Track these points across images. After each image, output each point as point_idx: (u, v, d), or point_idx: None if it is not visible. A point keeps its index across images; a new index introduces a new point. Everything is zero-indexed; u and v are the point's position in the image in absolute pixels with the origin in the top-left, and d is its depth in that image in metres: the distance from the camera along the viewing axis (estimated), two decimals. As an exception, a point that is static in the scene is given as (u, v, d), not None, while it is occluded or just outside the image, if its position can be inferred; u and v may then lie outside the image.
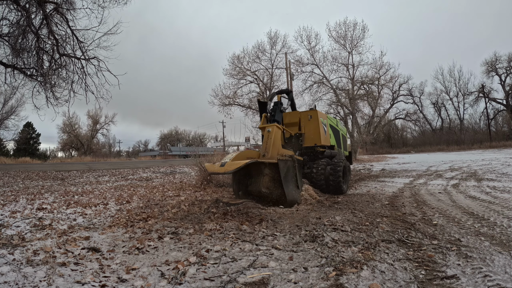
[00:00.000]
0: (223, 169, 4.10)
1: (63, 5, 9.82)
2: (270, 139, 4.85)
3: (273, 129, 4.91)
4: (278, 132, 5.01)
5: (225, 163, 4.22)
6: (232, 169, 4.04)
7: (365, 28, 23.63)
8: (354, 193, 6.18)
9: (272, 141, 4.80)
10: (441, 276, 1.97)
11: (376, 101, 26.42)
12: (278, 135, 4.97)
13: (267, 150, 4.77)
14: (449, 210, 4.00)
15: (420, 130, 44.79)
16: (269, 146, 4.78)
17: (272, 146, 4.75)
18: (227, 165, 4.13)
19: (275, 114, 5.36)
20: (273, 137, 4.84)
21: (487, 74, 38.41)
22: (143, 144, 71.10)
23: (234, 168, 4.04)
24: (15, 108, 33.92)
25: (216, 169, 4.19)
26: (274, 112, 5.43)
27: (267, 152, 4.75)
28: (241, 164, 4.06)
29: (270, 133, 4.90)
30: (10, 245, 2.78)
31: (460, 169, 10.58)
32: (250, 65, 24.47)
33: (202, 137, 69.08)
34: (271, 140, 4.82)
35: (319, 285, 1.92)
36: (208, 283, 2.01)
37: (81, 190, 7.73)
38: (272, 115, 5.40)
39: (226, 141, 46.91)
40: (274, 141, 4.82)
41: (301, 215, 3.94)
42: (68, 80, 10.48)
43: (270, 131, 4.94)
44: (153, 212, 4.35)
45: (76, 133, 47.45)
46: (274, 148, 4.76)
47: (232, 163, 4.18)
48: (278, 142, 4.95)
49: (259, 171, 4.74)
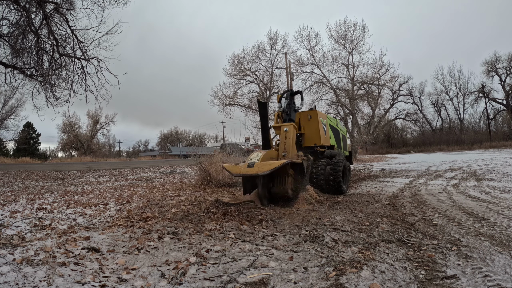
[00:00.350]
0: (255, 170, 3.86)
1: (63, 5, 9.83)
2: (289, 139, 4.81)
3: (291, 129, 4.87)
4: (295, 131, 5.00)
5: (254, 163, 4.02)
6: (268, 169, 3.80)
7: (365, 28, 23.65)
8: (354, 193, 6.18)
9: (291, 141, 4.77)
10: (441, 276, 1.97)
11: (376, 101, 26.42)
12: (294, 134, 4.96)
13: (287, 150, 4.71)
14: (449, 210, 4.00)
15: (420, 130, 44.80)
16: (289, 145, 4.73)
17: (291, 145, 4.71)
18: (258, 166, 3.90)
19: (290, 113, 5.32)
20: (292, 136, 4.81)
21: (487, 74, 38.45)
22: (143, 144, 71.14)
23: (271, 168, 3.81)
24: (15, 108, 33.96)
25: (244, 170, 3.97)
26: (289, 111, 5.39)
27: (287, 152, 4.68)
28: (278, 164, 3.86)
29: (288, 133, 4.86)
30: (10, 245, 2.78)
31: (460, 169, 10.58)
32: (250, 65, 24.49)
33: (202, 137, 69.12)
34: (290, 140, 4.78)
35: (319, 285, 1.92)
36: (208, 283, 2.01)
37: (81, 190, 7.73)
38: (288, 114, 5.36)
39: (226, 141, 46.92)
40: (292, 140, 4.80)
41: (301, 215, 3.94)
42: (68, 80, 10.50)
43: (287, 130, 4.88)
44: (153, 212, 4.35)
45: (76, 133, 47.47)
46: (293, 148, 4.73)
47: (264, 164, 3.96)
48: (294, 142, 4.94)
49: (285, 172, 4.51)
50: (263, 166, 3.92)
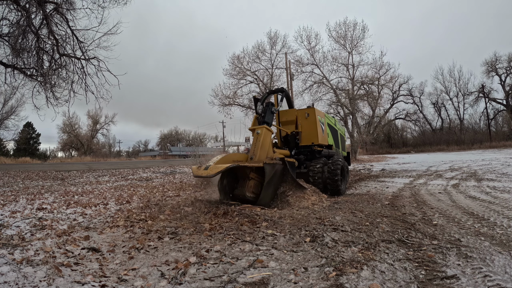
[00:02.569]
0: (206, 173, 3.99)
1: (63, 5, 9.82)
2: (258, 142, 4.74)
3: (262, 131, 4.79)
4: (268, 134, 4.88)
5: (209, 166, 4.11)
6: (214, 172, 3.94)
7: (365, 28, 23.62)
8: (354, 193, 6.17)
9: (260, 144, 4.69)
10: (441, 276, 1.97)
11: (376, 101, 26.41)
12: (267, 137, 4.85)
13: (254, 153, 4.67)
14: (449, 210, 4.00)
15: (420, 130, 44.76)
16: (257, 149, 4.67)
17: (260, 148, 4.64)
18: (210, 169, 4.01)
19: (265, 116, 5.21)
20: (262, 139, 4.72)
21: (487, 74, 38.42)
22: (143, 144, 71.16)
23: (216, 171, 3.94)
24: (15, 108, 33.91)
25: (200, 173, 4.07)
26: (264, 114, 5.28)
27: (255, 155, 4.64)
28: (222, 168, 3.97)
29: (259, 135, 4.79)
30: (10, 245, 2.78)
31: (460, 169, 10.58)
32: (250, 65, 24.46)
33: (202, 137, 69.10)
34: (259, 143, 4.71)
35: (319, 285, 1.92)
36: (208, 283, 2.01)
37: (81, 190, 7.73)
38: (262, 116, 5.25)
39: (226, 141, 46.90)
40: (263, 143, 4.71)
41: (301, 215, 3.94)
42: (68, 80, 10.49)
43: (259, 133, 4.83)
44: (153, 212, 4.34)
45: (76, 133, 47.47)
46: (262, 151, 4.65)
47: (215, 167, 4.07)
48: (267, 145, 4.84)
49: (245, 174, 4.61)
50: (213, 169, 4.02)
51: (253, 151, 4.75)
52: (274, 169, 4.40)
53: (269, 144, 4.91)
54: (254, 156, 4.63)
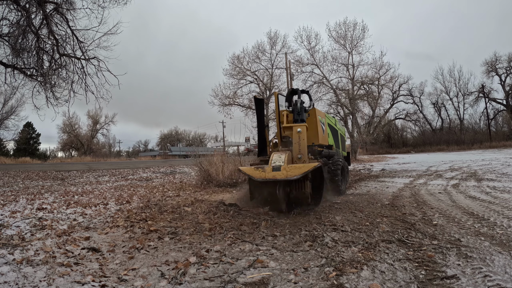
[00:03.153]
0: (283, 175, 3.65)
1: (63, 5, 9.82)
2: (303, 140, 4.65)
3: (304, 130, 4.72)
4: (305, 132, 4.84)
5: (280, 166, 3.78)
6: (299, 173, 3.63)
7: (365, 28, 23.62)
8: (354, 193, 6.17)
9: (305, 142, 4.65)
10: (441, 276, 1.97)
11: (376, 101, 26.42)
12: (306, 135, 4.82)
13: (302, 152, 4.56)
14: (449, 210, 4.00)
15: (420, 130, 44.73)
16: (304, 147, 4.59)
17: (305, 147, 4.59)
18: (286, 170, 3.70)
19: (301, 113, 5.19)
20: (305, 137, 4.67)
21: (487, 74, 38.39)
22: (143, 144, 71.15)
23: (302, 172, 3.64)
24: (15, 108, 33.91)
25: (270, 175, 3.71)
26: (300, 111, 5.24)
27: (303, 154, 4.53)
28: (310, 168, 3.69)
29: (302, 134, 4.68)
30: (10, 245, 2.78)
31: (460, 169, 10.58)
32: (250, 65, 24.49)
33: (202, 137, 69.11)
34: (304, 142, 4.65)
35: (319, 285, 1.92)
36: (208, 283, 2.01)
37: (81, 190, 7.73)
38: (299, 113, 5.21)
39: (226, 141, 46.90)
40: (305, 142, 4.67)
41: (301, 215, 3.94)
42: (68, 80, 10.49)
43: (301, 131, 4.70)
44: (153, 212, 4.35)
45: (76, 133, 47.47)
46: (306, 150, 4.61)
47: (293, 167, 3.76)
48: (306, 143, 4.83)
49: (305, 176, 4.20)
50: (292, 170, 3.69)
51: (299, 150, 4.62)
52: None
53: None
54: (303, 155, 4.54)
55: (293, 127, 4.80)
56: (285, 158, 4.04)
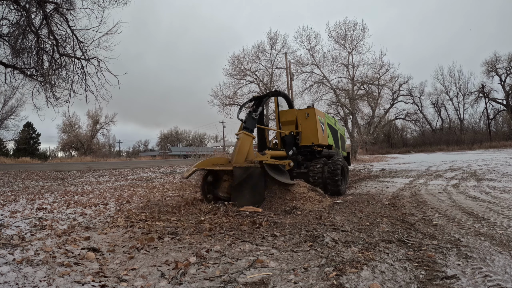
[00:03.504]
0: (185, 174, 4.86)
1: (63, 5, 9.82)
2: (237, 146, 5.02)
3: (241, 136, 5.04)
4: (246, 139, 5.06)
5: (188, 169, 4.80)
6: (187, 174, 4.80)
7: (365, 28, 23.66)
8: (354, 193, 6.17)
9: (238, 148, 4.93)
10: (441, 276, 1.97)
11: (376, 101, 26.42)
12: (245, 142, 5.03)
13: (232, 157, 4.98)
14: (449, 210, 4.00)
15: (420, 130, 44.75)
16: (235, 153, 4.94)
17: (237, 153, 4.87)
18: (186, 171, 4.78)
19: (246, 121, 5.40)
20: (240, 144, 4.95)
21: (487, 74, 38.41)
22: (143, 144, 71.20)
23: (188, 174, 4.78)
24: (15, 108, 33.94)
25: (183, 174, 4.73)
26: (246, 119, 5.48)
27: (232, 158, 4.93)
28: (190, 172, 4.75)
29: (238, 141, 5.06)
30: (10, 245, 2.78)
31: (460, 169, 10.58)
32: (250, 65, 24.52)
33: (202, 137, 69.16)
34: (237, 147, 4.97)
35: (319, 285, 1.92)
36: (208, 283, 2.01)
37: (81, 190, 7.73)
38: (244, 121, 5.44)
39: (226, 141, 46.91)
40: (240, 148, 4.91)
41: (301, 215, 3.94)
42: (68, 80, 10.49)
43: (238, 138, 5.11)
44: (153, 212, 4.35)
45: (76, 133, 47.49)
46: (240, 155, 4.85)
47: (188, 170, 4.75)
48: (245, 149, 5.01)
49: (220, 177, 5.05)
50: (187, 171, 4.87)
51: (232, 155, 5.09)
52: (246, 172, 4.60)
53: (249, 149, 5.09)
54: (232, 160, 4.91)
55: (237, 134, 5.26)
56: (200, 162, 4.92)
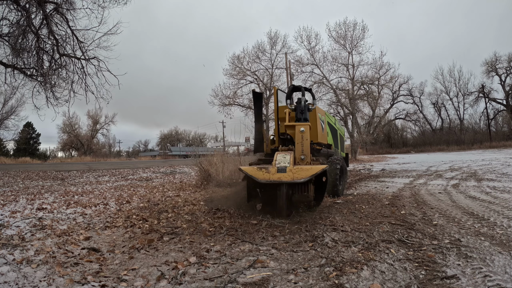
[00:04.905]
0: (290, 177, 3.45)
1: (63, 5, 9.83)
2: (306, 141, 4.42)
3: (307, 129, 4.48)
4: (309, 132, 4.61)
5: (285, 167, 3.57)
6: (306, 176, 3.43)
7: (365, 28, 23.68)
8: (354, 193, 6.17)
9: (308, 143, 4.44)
10: (441, 276, 1.97)
11: (376, 101, 26.43)
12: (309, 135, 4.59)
13: (305, 153, 4.36)
14: (449, 210, 4.00)
15: (420, 130, 44.74)
16: (307, 148, 4.38)
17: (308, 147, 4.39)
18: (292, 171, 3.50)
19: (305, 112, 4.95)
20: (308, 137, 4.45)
21: (487, 74, 38.39)
22: (143, 144, 71.21)
23: (309, 175, 3.44)
24: (15, 108, 33.97)
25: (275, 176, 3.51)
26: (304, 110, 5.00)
27: (306, 155, 4.35)
28: (317, 170, 3.49)
29: (305, 134, 4.44)
30: (10, 245, 2.78)
31: (460, 169, 10.58)
32: (250, 65, 24.55)
33: (202, 137, 69.15)
34: (307, 142, 4.43)
35: (319, 285, 1.92)
36: (208, 283, 2.01)
37: (81, 190, 7.73)
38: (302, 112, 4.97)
39: (226, 141, 46.92)
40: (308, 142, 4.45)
41: (301, 215, 3.94)
42: (68, 80, 10.51)
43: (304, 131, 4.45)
44: (153, 212, 4.35)
45: (76, 133, 47.48)
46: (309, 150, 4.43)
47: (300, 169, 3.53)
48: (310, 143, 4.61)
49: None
50: (298, 172, 3.46)
51: (301, 150, 4.40)
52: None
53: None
54: (306, 156, 4.34)
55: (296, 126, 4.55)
56: (290, 158, 3.81)
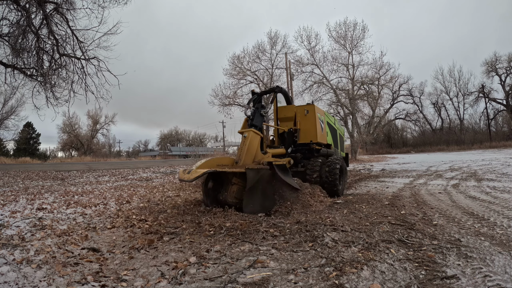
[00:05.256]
0: (187, 177, 3.88)
1: (63, 5, 9.83)
2: (244, 146, 4.56)
3: (249, 135, 4.60)
4: (255, 137, 4.70)
5: (191, 170, 3.98)
6: (193, 177, 3.84)
7: (365, 28, 23.68)
8: (354, 193, 6.17)
9: (246, 148, 4.52)
10: (441, 276, 1.97)
11: (376, 101, 26.43)
12: (254, 141, 4.67)
13: (240, 157, 4.52)
14: (449, 210, 4.00)
15: (420, 130, 44.78)
16: (243, 153, 4.51)
17: (246, 153, 4.49)
18: (191, 173, 3.92)
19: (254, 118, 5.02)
20: (248, 143, 4.55)
21: (487, 74, 38.41)
22: (143, 144, 71.29)
23: (195, 176, 3.85)
24: (15, 108, 33.98)
25: (183, 176, 3.95)
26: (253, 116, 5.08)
27: (240, 159, 4.48)
28: (200, 173, 3.88)
29: (246, 139, 4.61)
30: (10, 245, 2.78)
31: (460, 169, 10.58)
32: (250, 65, 24.53)
33: (202, 137, 69.20)
34: (245, 147, 4.54)
35: (319, 285, 1.92)
36: (208, 283, 2.01)
37: (81, 190, 7.73)
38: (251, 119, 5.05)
39: (226, 141, 46.92)
40: (249, 147, 4.54)
41: (301, 215, 3.94)
42: (68, 80, 10.51)
43: (245, 136, 4.65)
44: (153, 212, 4.35)
45: (76, 133, 47.50)
46: (248, 155, 4.50)
47: (195, 171, 3.94)
48: (254, 149, 4.66)
49: (228, 180, 4.42)
50: (192, 174, 3.91)
51: (239, 155, 4.60)
52: (258, 174, 4.16)
53: (257, 148, 4.72)
54: (240, 160, 4.48)
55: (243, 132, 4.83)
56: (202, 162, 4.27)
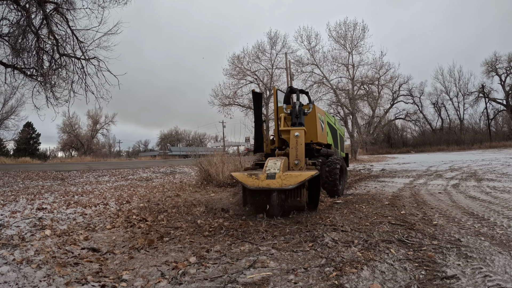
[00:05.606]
0: (278, 183, 3.42)
1: (63, 5, 9.84)
2: (300, 145, 4.39)
3: (302, 134, 4.45)
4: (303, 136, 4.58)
5: (275, 174, 3.54)
6: (294, 183, 3.39)
7: (365, 28, 23.68)
8: (354, 193, 6.17)
9: (303, 148, 4.40)
10: (441, 276, 1.97)
11: (376, 101, 26.43)
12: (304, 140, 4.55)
13: (299, 158, 4.34)
14: (449, 210, 4.00)
15: (420, 130, 44.81)
16: (301, 153, 4.36)
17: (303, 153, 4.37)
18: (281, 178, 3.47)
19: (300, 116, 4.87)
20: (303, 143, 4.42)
21: (487, 74, 38.44)
22: (143, 144, 71.32)
23: (298, 181, 3.41)
24: (15, 108, 34.03)
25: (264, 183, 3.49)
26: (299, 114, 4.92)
27: (300, 160, 4.33)
28: (306, 177, 3.47)
29: (300, 138, 4.41)
30: (10, 245, 2.78)
31: (460, 169, 10.58)
32: (250, 65, 24.56)
33: (202, 137, 69.23)
34: (301, 147, 4.39)
35: (319, 285, 1.92)
36: (208, 283, 2.01)
37: (81, 190, 7.73)
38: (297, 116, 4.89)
39: (226, 141, 46.90)
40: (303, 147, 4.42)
41: (301, 215, 3.94)
42: (68, 80, 10.53)
43: (298, 135, 4.42)
44: (153, 212, 4.35)
45: (76, 133, 47.53)
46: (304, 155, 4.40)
47: (288, 175, 3.51)
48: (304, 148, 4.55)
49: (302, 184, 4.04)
50: (287, 178, 3.46)
51: (296, 155, 4.39)
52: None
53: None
54: (300, 161, 4.33)
55: (291, 131, 4.52)
56: (281, 165, 3.79)
